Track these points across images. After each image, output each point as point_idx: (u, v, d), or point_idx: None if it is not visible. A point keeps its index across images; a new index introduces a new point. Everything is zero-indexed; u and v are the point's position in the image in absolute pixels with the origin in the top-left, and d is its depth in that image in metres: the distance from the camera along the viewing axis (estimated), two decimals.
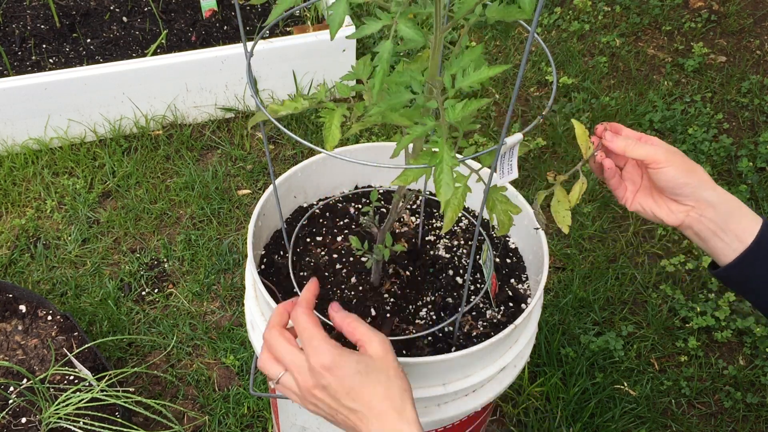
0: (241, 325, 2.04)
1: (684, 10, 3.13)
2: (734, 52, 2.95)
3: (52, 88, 2.36)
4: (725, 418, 1.89)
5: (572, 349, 1.96)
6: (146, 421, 1.79)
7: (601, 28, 3.05)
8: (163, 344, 1.99)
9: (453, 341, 1.13)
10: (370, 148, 1.32)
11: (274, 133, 2.58)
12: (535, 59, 2.89)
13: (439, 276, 1.23)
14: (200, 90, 2.53)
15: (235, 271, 2.17)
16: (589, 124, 2.61)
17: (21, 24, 2.72)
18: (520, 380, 1.91)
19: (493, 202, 0.92)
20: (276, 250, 1.28)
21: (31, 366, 1.71)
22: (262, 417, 1.85)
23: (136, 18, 2.78)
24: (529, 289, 1.24)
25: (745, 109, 2.71)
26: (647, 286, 2.15)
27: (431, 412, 1.08)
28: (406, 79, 0.79)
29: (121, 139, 2.51)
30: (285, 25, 2.79)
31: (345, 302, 1.18)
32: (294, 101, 0.87)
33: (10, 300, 1.83)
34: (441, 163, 0.77)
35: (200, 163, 2.48)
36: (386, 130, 2.55)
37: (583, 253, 2.23)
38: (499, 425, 1.87)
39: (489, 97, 2.74)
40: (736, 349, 2.03)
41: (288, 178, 1.28)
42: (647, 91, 2.77)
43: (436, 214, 1.35)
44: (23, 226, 2.25)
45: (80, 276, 2.13)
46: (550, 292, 2.12)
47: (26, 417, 1.60)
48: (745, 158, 2.47)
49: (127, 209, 2.31)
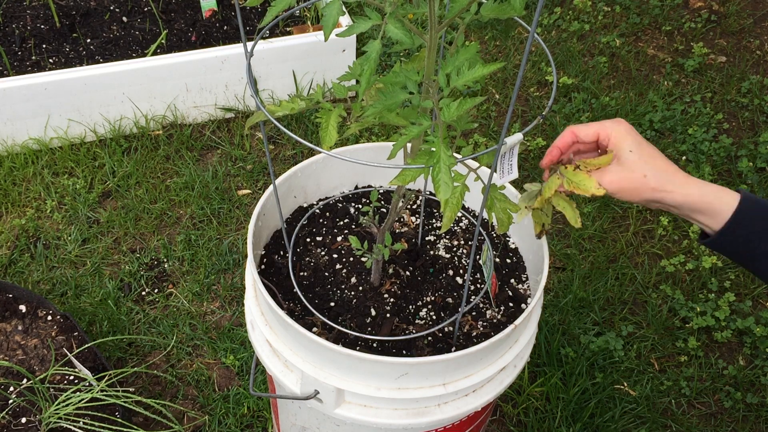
0: (241, 325, 2.04)
1: (684, 10, 3.13)
2: (734, 52, 2.95)
3: (52, 88, 2.36)
4: (725, 418, 1.89)
5: (572, 349, 1.96)
6: (146, 421, 1.79)
7: (601, 28, 3.05)
8: (163, 344, 1.99)
9: (453, 341, 1.13)
10: (369, 148, 1.32)
11: (274, 133, 2.58)
12: (535, 59, 2.89)
13: (439, 276, 1.23)
14: (200, 90, 2.53)
15: (235, 271, 2.17)
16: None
17: (21, 24, 2.72)
18: (520, 380, 1.91)
19: (492, 200, 0.92)
20: (276, 250, 1.28)
21: (31, 366, 1.71)
22: (262, 417, 1.85)
23: (136, 18, 2.78)
24: (529, 289, 1.24)
25: (745, 109, 2.71)
26: (647, 286, 2.15)
27: (431, 412, 1.08)
28: (402, 79, 0.79)
29: (121, 139, 2.51)
30: (285, 25, 2.79)
31: (345, 302, 1.18)
32: (291, 102, 0.87)
33: (10, 300, 1.83)
34: (438, 163, 0.77)
35: (200, 163, 2.48)
36: (386, 130, 2.55)
37: (583, 253, 2.23)
38: (499, 425, 1.87)
39: (490, 98, 2.74)
40: (736, 349, 2.03)
41: (288, 178, 1.28)
42: (647, 91, 2.77)
43: (436, 214, 1.35)
44: (23, 226, 2.25)
45: (80, 276, 2.13)
46: (550, 292, 2.12)
47: (26, 417, 1.60)
48: (745, 158, 2.47)
49: (127, 209, 2.31)
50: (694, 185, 0.98)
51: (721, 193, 0.98)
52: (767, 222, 0.97)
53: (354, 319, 1.15)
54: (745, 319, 2.04)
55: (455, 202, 0.81)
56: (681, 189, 0.97)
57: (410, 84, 0.79)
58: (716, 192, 0.98)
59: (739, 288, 2.15)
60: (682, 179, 0.98)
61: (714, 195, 0.97)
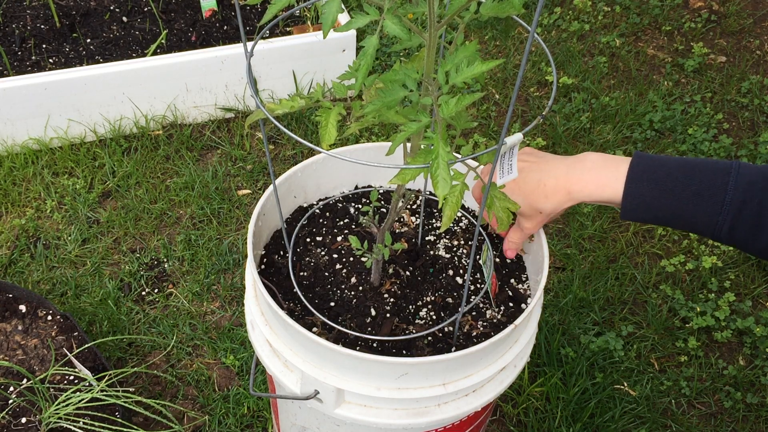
0: (241, 325, 2.04)
1: (684, 10, 3.13)
2: (734, 52, 2.95)
3: (52, 88, 2.36)
4: (725, 418, 1.89)
5: (572, 349, 1.96)
6: (146, 421, 1.79)
7: (601, 28, 3.05)
8: (163, 344, 1.99)
9: (453, 341, 1.13)
10: (369, 148, 1.32)
11: (274, 133, 2.58)
12: (535, 59, 2.89)
13: (439, 276, 1.23)
14: (200, 90, 2.54)
15: (235, 271, 2.17)
16: (589, 125, 2.61)
17: (21, 24, 2.72)
18: (520, 380, 1.91)
19: (492, 199, 0.92)
20: (276, 250, 1.28)
21: (31, 366, 1.71)
22: (262, 417, 1.85)
23: (136, 18, 2.78)
24: (529, 289, 1.24)
25: (745, 109, 2.71)
26: (647, 286, 2.15)
27: (431, 412, 1.08)
28: (401, 77, 0.79)
29: (121, 139, 2.51)
30: (285, 25, 2.79)
31: (345, 302, 1.18)
32: (291, 100, 0.87)
33: (10, 300, 1.83)
34: (437, 159, 0.76)
35: (200, 163, 2.48)
36: (386, 130, 2.54)
37: (583, 253, 2.23)
38: (499, 425, 1.87)
39: (490, 98, 2.74)
40: (736, 349, 2.03)
41: (288, 178, 1.28)
42: (647, 91, 2.77)
43: (436, 214, 1.35)
44: (23, 226, 2.25)
45: (80, 276, 2.13)
46: (550, 292, 2.12)
47: (26, 417, 1.60)
48: (745, 158, 2.47)
49: (127, 209, 2.31)
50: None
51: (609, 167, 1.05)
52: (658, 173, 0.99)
53: (354, 319, 1.15)
54: (745, 319, 2.04)
55: (454, 201, 0.81)
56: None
57: (410, 82, 0.79)
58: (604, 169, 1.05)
59: (739, 288, 2.15)
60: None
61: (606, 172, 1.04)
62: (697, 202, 0.96)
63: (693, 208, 0.96)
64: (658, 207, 0.99)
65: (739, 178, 0.94)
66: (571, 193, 1.04)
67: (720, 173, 0.95)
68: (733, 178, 0.94)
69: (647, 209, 0.99)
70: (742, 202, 0.93)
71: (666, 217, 0.99)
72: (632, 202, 0.99)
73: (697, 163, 0.98)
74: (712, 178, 0.95)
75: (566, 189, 1.04)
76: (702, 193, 0.95)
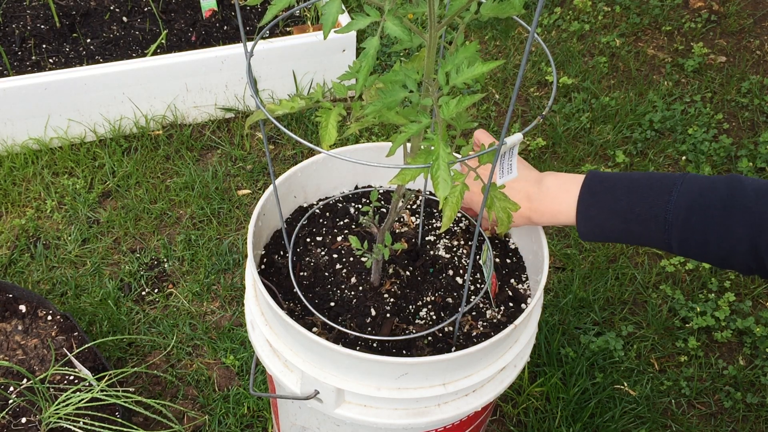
0: (241, 325, 2.04)
1: (684, 10, 3.13)
2: (734, 52, 2.95)
3: (52, 88, 2.36)
4: (725, 418, 1.89)
5: (572, 349, 1.96)
6: (146, 421, 1.79)
7: (601, 29, 3.05)
8: (163, 344, 1.99)
9: (453, 341, 1.13)
10: (370, 148, 1.32)
11: (274, 133, 2.58)
12: (535, 59, 2.89)
13: (439, 276, 1.23)
14: (200, 90, 2.53)
15: (235, 271, 2.17)
16: (589, 125, 2.61)
17: (21, 24, 2.72)
18: (520, 380, 1.91)
19: (492, 199, 0.92)
20: (276, 250, 1.28)
21: (31, 366, 1.71)
22: (262, 417, 1.85)
23: (136, 18, 2.78)
24: (529, 289, 1.24)
25: (745, 109, 2.71)
26: (647, 286, 2.15)
27: (431, 412, 1.08)
28: (401, 77, 0.79)
29: (121, 139, 2.51)
30: (285, 25, 2.79)
31: (345, 302, 1.18)
32: (291, 101, 0.87)
33: (10, 300, 1.83)
34: (437, 160, 0.77)
35: (200, 163, 2.48)
36: (386, 130, 2.54)
37: (583, 253, 2.23)
38: (499, 425, 1.87)
39: (490, 98, 2.74)
40: (736, 349, 2.03)
41: (288, 178, 1.28)
42: (647, 91, 2.77)
43: (436, 214, 1.35)
44: (23, 226, 2.25)
45: (80, 276, 2.13)
46: (550, 292, 2.12)
47: (26, 417, 1.60)
48: (744, 158, 2.47)
49: (127, 209, 2.31)
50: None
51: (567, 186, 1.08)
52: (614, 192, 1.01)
53: (354, 319, 1.15)
54: (745, 319, 2.04)
55: (455, 201, 0.81)
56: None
57: (410, 82, 0.79)
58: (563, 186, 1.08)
59: (739, 288, 2.15)
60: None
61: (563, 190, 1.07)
62: (641, 222, 0.98)
63: (640, 228, 0.98)
64: (610, 229, 1.01)
65: (680, 197, 0.95)
66: (531, 219, 1.11)
67: (663, 191, 0.97)
68: (674, 197, 0.95)
69: (601, 231, 1.02)
70: (685, 220, 0.94)
71: (620, 237, 1.02)
72: (586, 225, 1.03)
73: (642, 183, 0.99)
74: (654, 197, 0.97)
75: (527, 216, 1.11)
76: (644, 214, 0.97)
